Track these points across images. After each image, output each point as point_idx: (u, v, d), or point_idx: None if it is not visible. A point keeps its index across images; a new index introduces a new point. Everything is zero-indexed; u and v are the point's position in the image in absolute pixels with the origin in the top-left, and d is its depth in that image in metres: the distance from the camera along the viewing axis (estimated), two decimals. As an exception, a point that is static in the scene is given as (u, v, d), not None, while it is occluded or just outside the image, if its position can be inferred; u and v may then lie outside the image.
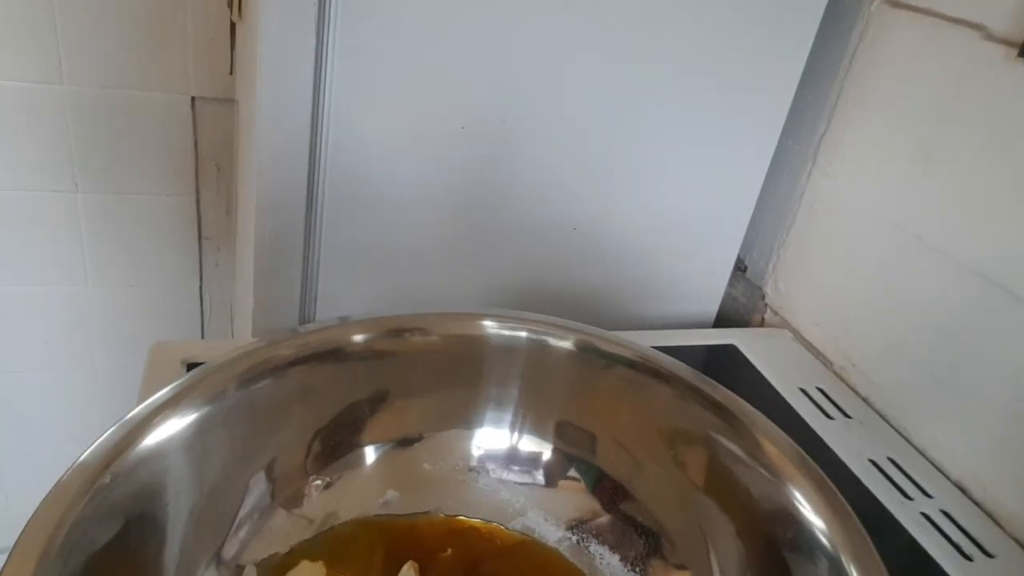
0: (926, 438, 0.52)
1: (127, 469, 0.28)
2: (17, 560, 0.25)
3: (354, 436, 0.36)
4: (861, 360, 0.57)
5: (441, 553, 0.36)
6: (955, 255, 0.49)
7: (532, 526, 0.38)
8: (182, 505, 0.30)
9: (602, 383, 0.37)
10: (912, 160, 0.53)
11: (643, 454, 0.36)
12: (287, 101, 0.49)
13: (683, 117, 0.57)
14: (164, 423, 0.30)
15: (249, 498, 0.33)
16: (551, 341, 0.36)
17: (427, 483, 0.38)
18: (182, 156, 0.83)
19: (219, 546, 0.32)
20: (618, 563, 0.36)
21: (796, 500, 0.29)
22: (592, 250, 0.61)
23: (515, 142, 0.55)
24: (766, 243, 0.66)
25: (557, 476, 0.38)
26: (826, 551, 0.27)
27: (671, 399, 0.35)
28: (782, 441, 0.31)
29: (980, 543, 0.45)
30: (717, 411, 0.33)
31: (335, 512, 0.36)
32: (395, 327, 0.36)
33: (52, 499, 0.26)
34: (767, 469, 0.31)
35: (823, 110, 0.60)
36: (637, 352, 0.36)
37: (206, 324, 0.93)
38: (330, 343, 0.35)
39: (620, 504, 0.36)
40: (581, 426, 0.37)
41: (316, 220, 0.54)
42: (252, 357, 0.33)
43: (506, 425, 0.38)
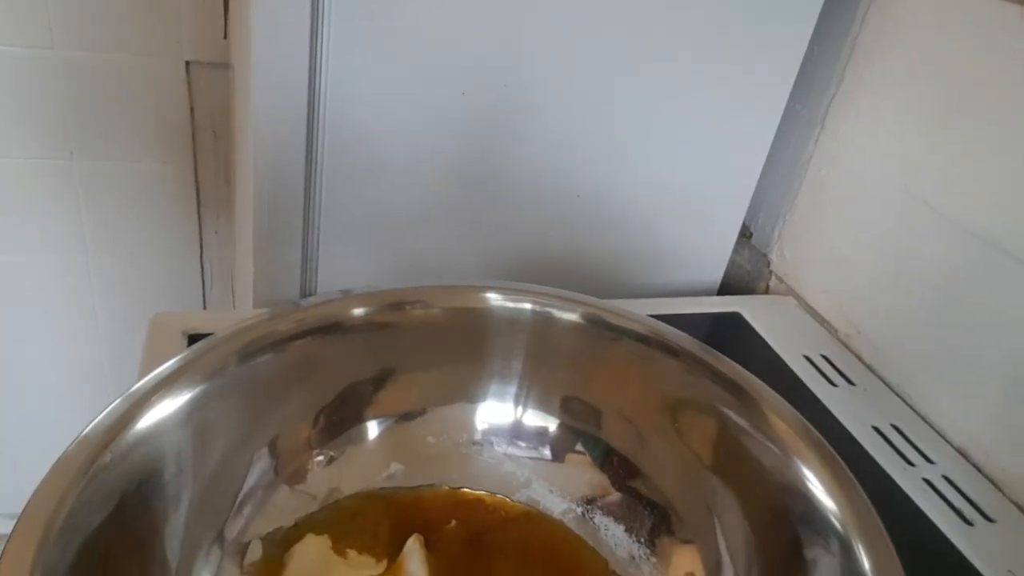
0: (929, 405, 0.52)
1: (127, 447, 0.28)
2: (18, 541, 0.25)
3: (357, 411, 0.37)
4: (866, 327, 0.57)
5: (445, 525, 0.37)
6: (964, 222, 0.49)
7: (537, 498, 0.39)
8: (185, 481, 0.30)
9: (608, 356, 0.37)
10: (923, 124, 0.52)
11: (650, 428, 0.36)
12: (283, 65, 0.48)
13: (688, 81, 0.56)
14: (164, 400, 0.30)
15: (252, 474, 0.33)
16: (556, 313, 0.36)
17: (431, 456, 0.39)
18: (178, 122, 0.82)
19: (223, 521, 0.32)
20: (623, 534, 0.36)
21: (804, 476, 0.29)
22: (595, 217, 0.60)
23: (517, 109, 0.54)
24: (772, 209, 0.66)
25: (563, 450, 0.38)
26: (834, 528, 0.27)
27: (679, 373, 0.35)
28: (790, 416, 0.31)
29: (981, 508, 0.45)
30: (725, 385, 0.33)
31: (338, 487, 0.36)
32: (397, 300, 0.36)
33: (52, 478, 0.26)
34: (775, 444, 0.31)
35: (832, 73, 0.59)
36: (644, 325, 0.36)
37: (207, 293, 0.92)
38: (331, 317, 0.34)
39: (627, 479, 0.36)
40: (587, 400, 0.37)
41: (315, 187, 0.54)
42: (252, 332, 0.33)
43: (510, 399, 0.38)
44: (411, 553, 0.34)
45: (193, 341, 0.50)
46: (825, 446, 0.30)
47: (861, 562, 0.26)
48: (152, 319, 0.52)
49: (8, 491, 0.92)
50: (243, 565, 0.32)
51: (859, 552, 0.26)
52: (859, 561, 0.26)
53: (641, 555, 0.36)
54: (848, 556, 0.26)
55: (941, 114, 0.51)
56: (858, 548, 0.26)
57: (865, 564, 0.25)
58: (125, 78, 0.78)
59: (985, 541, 0.43)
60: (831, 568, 0.27)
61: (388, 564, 0.34)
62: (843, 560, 0.26)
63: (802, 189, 0.63)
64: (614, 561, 0.36)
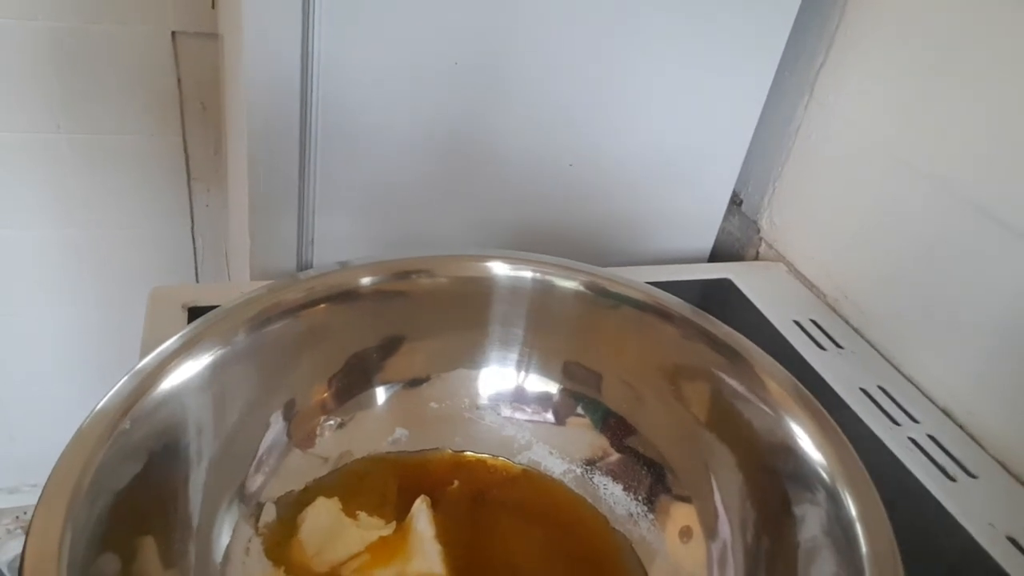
0: (915, 366, 0.54)
1: (145, 413, 0.29)
2: (47, 501, 0.26)
3: (366, 377, 0.38)
4: (854, 292, 0.59)
5: (449, 486, 0.38)
6: (951, 187, 0.50)
7: (538, 460, 0.40)
8: (205, 444, 0.31)
9: (607, 323, 0.39)
10: (911, 91, 0.53)
11: (647, 391, 0.37)
12: (275, 35, 0.48)
13: (679, 50, 0.56)
14: (178, 368, 0.31)
15: (268, 437, 0.34)
16: (556, 281, 0.37)
17: (434, 421, 0.40)
18: (165, 94, 0.82)
19: (240, 484, 0.33)
20: (621, 493, 0.38)
21: (794, 432, 0.31)
22: (588, 186, 0.61)
23: (509, 78, 0.54)
24: (762, 177, 0.67)
25: (563, 414, 0.40)
26: (822, 479, 0.29)
27: (675, 337, 0.36)
28: (781, 376, 0.33)
29: (964, 464, 0.47)
30: (720, 348, 0.35)
31: (349, 451, 0.37)
32: (403, 269, 0.37)
33: (75, 445, 0.27)
34: (767, 404, 0.32)
35: (821, 40, 0.60)
36: (642, 292, 0.37)
37: (199, 266, 0.93)
38: (340, 287, 0.36)
39: (625, 439, 0.38)
40: (586, 365, 0.39)
41: (310, 159, 0.54)
42: (264, 300, 0.34)
43: (512, 364, 0.40)
44: (419, 513, 0.35)
45: (193, 314, 0.51)
46: (814, 403, 0.32)
47: (848, 509, 0.27)
48: (151, 293, 0.53)
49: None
50: (258, 527, 0.34)
51: (846, 500, 0.28)
52: (846, 508, 0.27)
53: (639, 512, 0.38)
54: (836, 504, 0.28)
55: (926, 81, 0.52)
56: (845, 496, 0.28)
57: (852, 511, 0.27)
58: (111, 49, 0.78)
59: (967, 496, 0.45)
60: (820, 517, 0.29)
61: (396, 524, 0.36)
62: (831, 508, 0.28)
63: (791, 157, 0.64)
64: (613, 518, 0.38)
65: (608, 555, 0.36)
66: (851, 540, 0.26)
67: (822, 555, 0.28)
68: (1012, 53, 0.46)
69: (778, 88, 0.62)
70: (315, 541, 0.34)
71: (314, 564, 0.33)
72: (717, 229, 0.68)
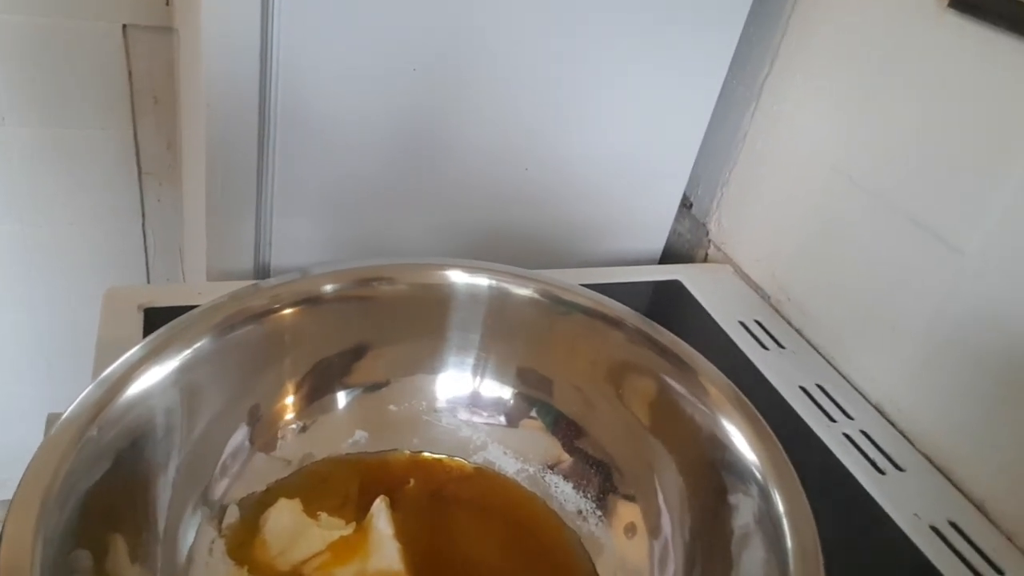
0: (851, 365, 0.57)
1: (113, 420, 0.30)
2: (19, 507, 0.27)
3: (328, 382, 0.40)
4: (796, 294, 0.62)
5: (406, 485, 0.40)
6: (887, 198, 0.54)
7: (492, 460, 0.43)
8: (169, 452, 0.33)
9: (559, 329, 0.41)
10: (849, 104, 0.57)
11: (596, 395, 0.40)
12: (235, 34, 0.49)
13: (632, 60, 0.59)
14: (145, 374, 0.32)
15: (231, 442, 0.36)
16: (512, 289, 0.40)
17: (392, 423, 0.42)
18: (116, 87, 0.82)
19: (205, 487, 0.35)
20: (571, 491, 0.41)
21: (730, 433, 0.34)
22: (544, 190, 0.63)
23: (467, 84, 0.56)
24: (711, 181, 0.70)
25: (517, 417, 0.42)
26: (755, 478, 0.32)
27: (622, 343, 0.39)
28: (721, 381, 0.36)
29: (893, 459, 0.51)
30: (663, 354, 0.37)
31: (310, 453, 0.39)
32: (366, 277, 0.39)
33: (44, 451, 0.29)
34: (707, 408, 0.35)
35: (767, 52, 0.63)
36: (591, 300, 0.40)
37: (151, 263, 0.93)
38: (304, 293, 0.37)
39: (575, 441, 0.40)
40: (539, 370, 0.41)
41: (269, 160, 0.55)
42: (224, 309, 0.35)
43: (469, 369, 0.42)
44: (378, 512, 0.37)
45: (149, 315, 0.52)
46: (749, 406, 0.34)
47: (777, 506, 0.30)
48: (106, 293, 0.54)
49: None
50: (221, 528, 0.35)
51: (776, 498, 0.30)
52: (776, 506, 0.30)
53: (588, 509, 0.40)
54: (767, 502, 0.31)
55: (865, 95, 0.55)
56: (775, 495, 0.30)
57: (780, 508, 0.30)
58: (60, 42, 0.77)
59: (895, 488, 0.48)
60: (752, 513, 0.32)
61: (357, 524, 0.38)
62: (762, 505, 0.31)
63: (739, 162, 0.67)
64: (564, 515, 0.40)
65: (559, 549, 0.39)
66: (779, 535, 0.29)
67: (752, 546, 0.31)
68: (943, 70, 0.50)
69: (726, 97, 0.65)
70: (278, 541, 0.35)
71: (277, 563, 0.35)
72: (668, 231, 0.70)
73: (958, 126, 0.49)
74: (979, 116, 0.47)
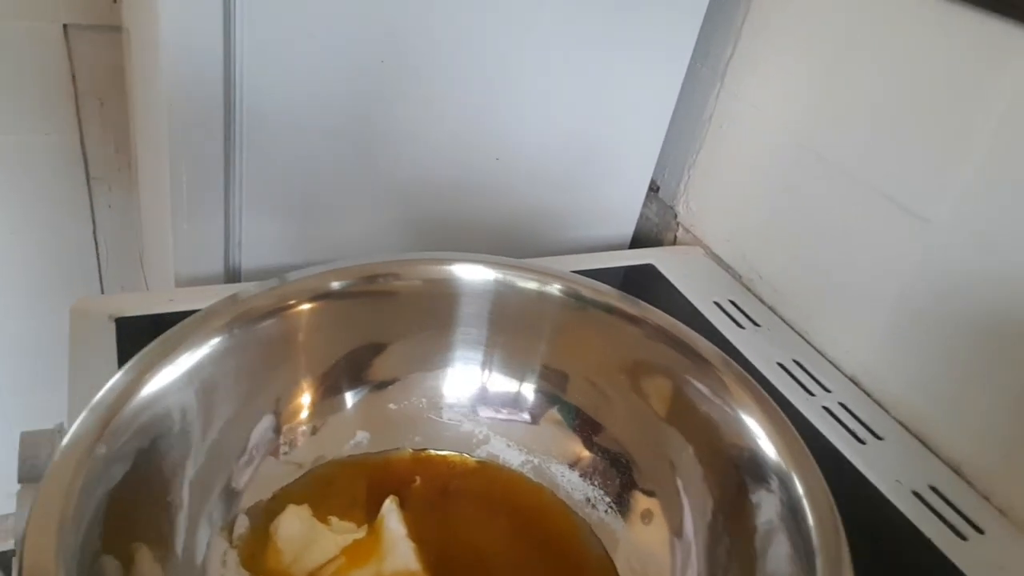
0: (825, 339, 0.59)
1: (122, 434, 0.30)
2: (36, 529, 0.26)
3: (338, 383, 0.39)
4: (767, 272, 0.64)
5: (412, 484, 0.40)
6: (852, 172, 0.56)
7: (496, 453, 0.43)
8: (185, 462, 0.32)
9: (570, 323, 0.41)
10: (813, 82, 0.58)
11: (611, 389, 0.40)
12: (195, 30, 0.48)
13: (597, 46, 0.60)
14: (162, 372, 0.32)
15: (247, 449, 0.35)
16: (518, 283, 0.40)
17: (393, 423, 0.42)
18: (59, 90, 0.79)
19: (216, 496, 0.34)
20: (578, 479, 0.41)
21: (750, 428, 0.35)
22: (514, 179, 0.64)
23: (434, 75, 0.56)
24: (677, 164, 0.71)
25: (525, 410, 0.42)
26: (777, 471, 0.33)
27: (638, 338, 0.39)
28: (739, 375, 0.37)
29: (872, 428, 0.53)
30: (680, 348, 0.38)
31: (322, 455, 0.39)
32: (372, 274, 0.39)
33: (54, 474, 0.28)
34: (725, 402, 0.36)
35: (730, 34, 0.64)
36: (606, 295, 0.40)
37: (104, 272, 0.90)
38: (311, 292, 0.37)
39: (590, 434, 0.41)
40: (551, 365, 0.42)
41: (235, 159, 0.54)
42: (235, 308, 0.35)
43: (476, 364, 0.42)
44: (389, 513, 0.37)
45: (121, 325, 0.50)
46: (770, 402, 0.36)
47: (799, 496, 0.31)
48: (73, 306, 0.52)
49: None
50: (232, 539, 0.35)
51: (797, 489, 0.32)
52: (797, 495, 0.31)
53: (596, 497, 0.41)
54: (788, 492, 0.32)
55: (829, 73, 0.57)
56: (796, 486, 0.32)
57: (802, 498, 0.31)
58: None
59: (876, 456, 0.50)
60: (774, 505, 0.33)
61: (368, 526, 0.38)
62: (783, 495, 0.32)
63: (704, 145, 0.69)
64: (572, 504, 0.41)
65: (570, 538, 0.39)
66: (802, 528, 0.30)
67: (776, 540, 0.32)
68: (906, 44, 0.51)
69: (691, 80, 0.66)
70: (291, 548, 0.35)
71: (292, 571, 0.35)
72: (637, 216, 0.71)
73: (921, 98, 0.51)
74: (942, 88, 0.49)
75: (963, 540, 0.45)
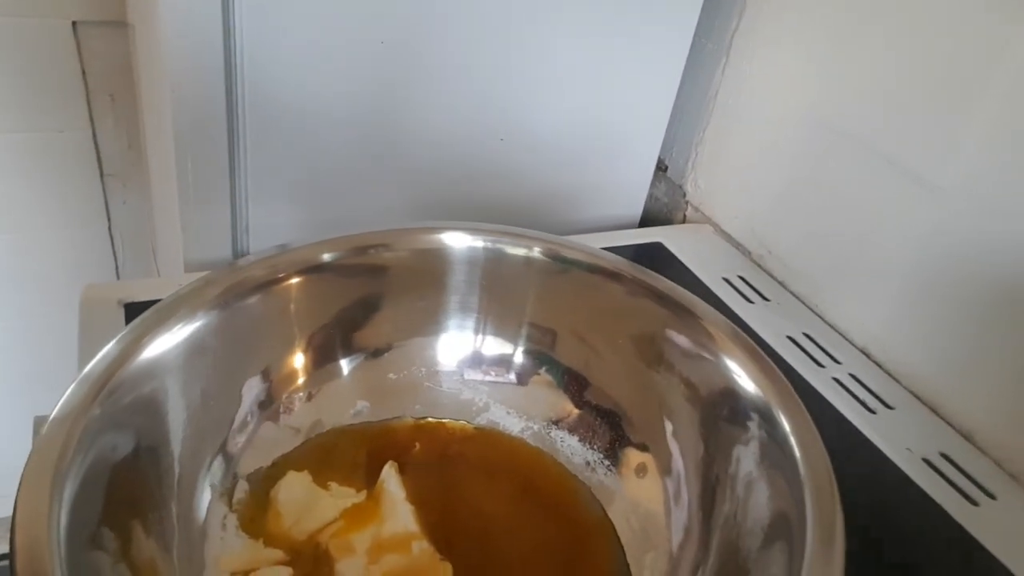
0: (835, 312, 0.59)
1: (119, 396, 0.31)
2: (29, 490, 0.27)
3: (332, 349, 0.40)
4: (777, 247, 0.64)
5: (412, 449, 0.41)
6: (861, 141, 0.56)
7: (496, 420, 0.44)
8: (177, 427, 0.33)
9: (558, 285, 0.42)
10: (818, 52, 0.58)
11: (600, 346, 0.41)
12: (196, 22, 0.49)
13: (599, 24, 0.60)
14: (152, 349, 0.33)
15: (240, 413, 0.36)
16: (507, 249, 0.41)
17: (393, 391, 0.43)
18: (70, 87, 0.81)
19: (214, 459, 0.35)
20: (577, 443, 0.42)
21: (732, 368, 0.35)
22: (520, 159, 0.64)
23: (436, 56, 0.57)
24: (685, 142, 0.72)
25: (519, 373, 0.43)
26: (763, 409, 0.33)
27: (622, 295, 0.40)
28: (720, 321, 0.37)
29: (882, 398, 0.53)
30: (663, 301, 0.39)
31: (320, 420, 0.40)
32: (363, 244, 0.40)
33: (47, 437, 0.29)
34: (709, 347, 0.37)
35: (734, 7, 0.64)
36: (589, 254, 0.41)
37: (120, 265, 0.92)
38: (304, 262, 0.38)
39: (581, 392, 0.41)
40: (542, 325, 0.42)
41: (239, 146, 0.55)
42: (230, 278, 0.36)
43: (469, 331, 0.43)
44: (388, 477, 0.38)
45: (130, 310, 0.52)
46: (749, 342, 0.36)
47: (785, 431, 0.32)
48: (84, 291, 0.54)
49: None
50: (232, 503, 0.36)
51: (782, 422, 0.32)
52: (783, 430, 0.32)
53: (595, 460, 0.42)
54: (773, 426, 0.32)
55: (840, 40, 0.57)
56: (781, 419, 0.32)
57: (788, 432, 0.32)
58: (7, 43, 0.76)
59: (887, 426, 0.50)
60: (761, 440, 0.33)
61: (367, 492, 0.38)
62: (770, 430, 0.33)
63: (711, 121, 0.69)
64: (571, 467, 0.42)
65: (569, 500, 0.40)
66: (791, 462, 0.31)
67: (764, 475, 0.32)
68: (914, 13, 0.51)
69: (696, 56, 0.66)
70: (291, 512, 0.36)
71: (292, 534, 0.36)
72: (645, 196, 0.72)
73: (930, 66, 0.50)
74: (950, 56, 0.49)
75: (975, 506, 0.45)
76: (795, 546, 0.29)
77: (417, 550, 0.35)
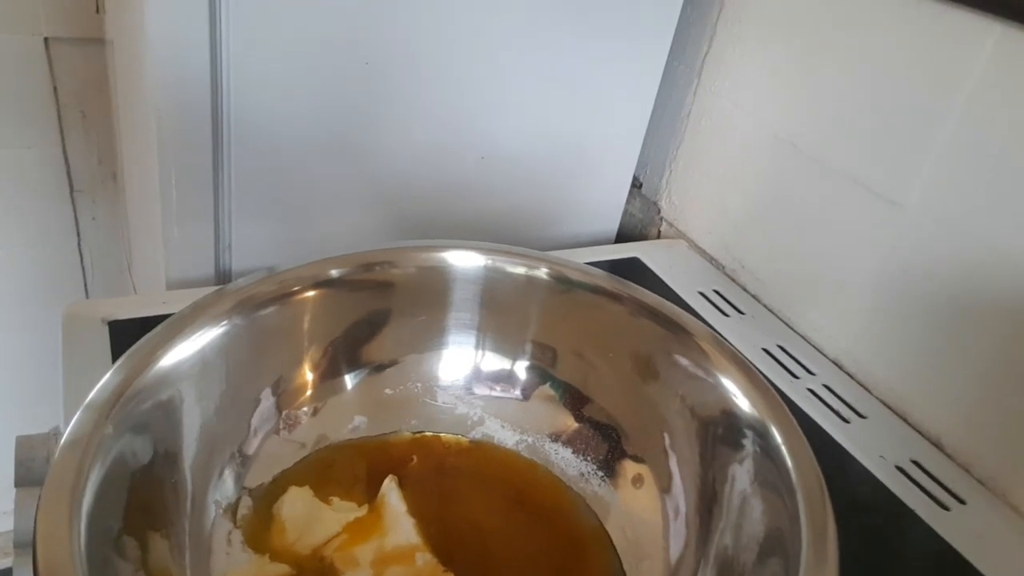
0: (808, 325, 0.62)
1: (130, 413, 0.31)
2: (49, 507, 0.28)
3: (337, 365, 0.41)
4: (749, 262, 0.66)
5: (409, 463, 0.42)
6: (827, 161, 0.58)
7: (491, 434, 0.45)
8: (186, 443, 0.34)
9: (559, 304, 0.43)
10: (786, 75, 0.61)
11: (598, 363, 0.43)
12: (182, 36, 0.49)
13: (576, 46, 0.62)
14: (170, 351, 0.33)
15: (250, 428, 0.37)
16: (507, 268, 0.42)
17: (390, 407, 0.44)
18: (41, 103, 0.80)
19: (222, 474, 0.36)
20: (571, 456, 0.43)
21: (730, 391, 0.37)
22: (500, 177, 0.66)
23: (420, 78, 0.58)
24: (659, 160, 0.74)
25: (524, 389, 0.44)
26: (757, 426, 0.35)
27: (622, 315, 0.41)
28: (712, 339, 0.39)
29: (855, 407, 0.55)
30: (661, 321, 0.41)
31: (324, 435, 0.41)
32: (368, 262, 0.41)
33: (63, 457, 0.29)
34: (705, 371, 0.38)
35: (705, 30, 0.67)
36: (589, 275, 0.43)
37: (89, 281, 0.91)
38: (313, 279, 0.39)
39: (580, 407, 0.43)
40: (542, 342, 0.44)
41: (224, 163, 0.55)
42: (236, 296, 0.36)
43: (469, 347, 0.44)
44: (389, 491, 0.39)
45: (115, 328, 0.52)
46: (745, 361, 0.38)
47: (778, 445, 0.34)
48: (65, 311, 0.53)
49: None
50: (236, 519, 0.36)
51: (775, 436, 0.34)
52: (776, 444, 0.34)
53: (589, 471, 0.43)
54: (766, 440, 0.34)
55: (799, 63, 0.60)
56: (774, 434, 0.34)
57: (781, 446, 0.33)
58: (-23, 58, 0.76)
59: (860, 434, 0.53)
60: (755, 454, 0.35)
61: (369, 506, 0.39)
62: (762, 444, 0.34)
63: (684, 141, 0.71)
64: (566, 479, 0.43)
65: (565, 511, 0.41)
66: (784, 476, 0.33)
67: (761, 487, 0.34)
68: (873, 37, 0.54)
69: (669, 77, 0.68)
70: (294, 527, 0.37)
71: (296, 548, 0.36)
72: (621, 212, 0.74)
73: (890, 88, 0.53)
74: (908, 78, 0.52)
75: (946, 511, 0.47)
76: (790, 562, 0.30)
77: (421, 562, 0.36)
